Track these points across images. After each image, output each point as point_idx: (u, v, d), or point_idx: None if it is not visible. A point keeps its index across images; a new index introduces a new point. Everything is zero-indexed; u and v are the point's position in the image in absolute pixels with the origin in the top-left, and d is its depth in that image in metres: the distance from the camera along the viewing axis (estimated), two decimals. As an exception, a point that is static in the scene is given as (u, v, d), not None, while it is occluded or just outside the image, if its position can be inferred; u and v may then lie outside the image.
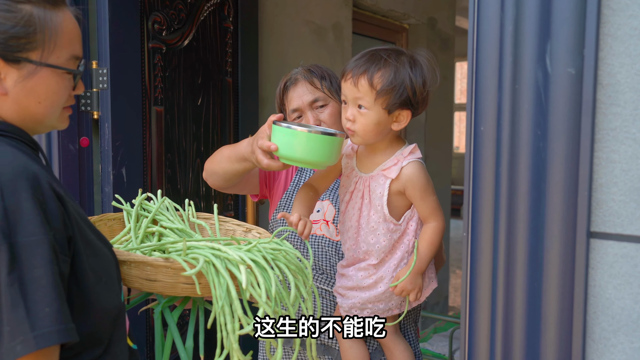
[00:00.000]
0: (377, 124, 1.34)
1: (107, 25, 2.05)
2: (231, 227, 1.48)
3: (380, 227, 1.40)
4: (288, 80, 1.71)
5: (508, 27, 1.04)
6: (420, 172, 1.38)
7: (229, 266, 1.14)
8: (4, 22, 0.92)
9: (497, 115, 1.08)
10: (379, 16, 4.03)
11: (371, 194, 1.40)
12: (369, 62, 1.34)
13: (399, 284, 1.39)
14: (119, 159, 2.14)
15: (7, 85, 0.95)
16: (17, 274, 0.82)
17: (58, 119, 1.03)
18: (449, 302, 5.52)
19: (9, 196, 0.84)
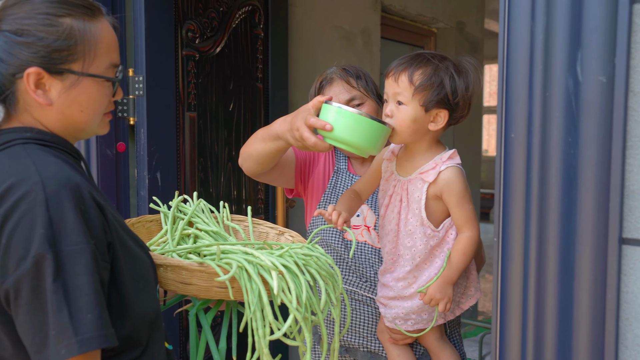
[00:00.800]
0: (413, 120, 1.35)
1: (143, 34, 2.12)
2: (264, 230, 1.50)
3: (417, 230, 1.40)
4: (324, 80, 1.71)
5: (538, 35, 1.05)
6: (458, 178, 1.38)
7: (261, 271, 1.16)
8: (47, 36, 0.96)
9: (528, 122, 1.09)
10: (407, 20, 4.04)
11: (409, 197, 1.40)
12: (412, 60, 1.37)
13: (428, 292, 1.38)
14: (154, 163, 2.20)
15: (52, 96, 0.99)
16: (61, 281, 0.86)
17: (99, 125, 1.07)
18: (478, 307, 5.47)
19: (54, 207, 0.87)
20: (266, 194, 2.74)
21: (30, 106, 0.99)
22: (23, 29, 0.96)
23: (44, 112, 1.00)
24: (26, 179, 0.89)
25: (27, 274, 0.85)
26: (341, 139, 1.29)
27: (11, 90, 0.98)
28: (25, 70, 0.96)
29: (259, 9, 2.64)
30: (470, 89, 1.37)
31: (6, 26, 0.96)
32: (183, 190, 2.35)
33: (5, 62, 0.96)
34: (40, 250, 0.85)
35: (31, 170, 0.90)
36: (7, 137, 0.97)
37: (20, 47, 0.95)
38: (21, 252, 0.86)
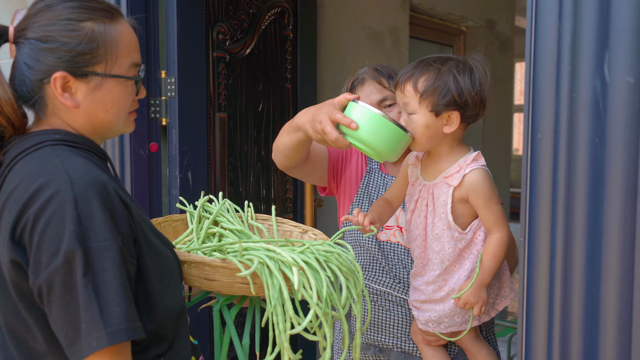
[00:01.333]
0: (426, 127, 1.35)
1: (175, 36, 2.17)
2: (288, 229, 1.52)
3: (444, 234, 1.40)
4: (355, 80, 1.71)
5: (566, 36, 1.06)
6: (484, 180, 1.37)
7: (282, 267, 1.18)
8: (70, 40, 1.00)
9: (555, 123, 1.09)
10: (436, 19, 4.03)
11: (435, 201, 1.41)
12: (414, 68, 1.37)
13: (462, 296, 1.38)
14: (185, 163, 2.25)
15: (78, 99, 1.03)
16: (90, 277, 0.89)
17: (124, 123, 1.11)
18: (508, 307, 5.42)
19: (82, 205, 0.91)
20: (295, 194, 2.77)
21: (59, 109, 1.03)
22: (47, 35, 0.99)
23: (72, 114, 1.04)
24: (55, 179, 0.92)
25: (59, 270, 0.89)
26: (363, 140, 1.29)
27: (40, 95, 1.02)
28: (51, 75, 1.00)
29: (288, 10, 2.67)
30: (477, 86, 1.35)
31: (31, 34, 1.00)
32: (213, 189, 2.39)
33: (32, 69, 1.00)
34: (71, 247, 0.88)
35: (60, 171, 0.93)
36: (37, 139, 1.01)
37: (45, 53, 0.99)
38: (53, 249, 0.89)
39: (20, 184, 0.94)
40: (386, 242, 1.65)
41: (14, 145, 1.01)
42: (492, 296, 1.48)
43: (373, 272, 1.66)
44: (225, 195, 2.45)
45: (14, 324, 0.98)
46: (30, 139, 1.01)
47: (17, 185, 0.95)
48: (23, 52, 1.01)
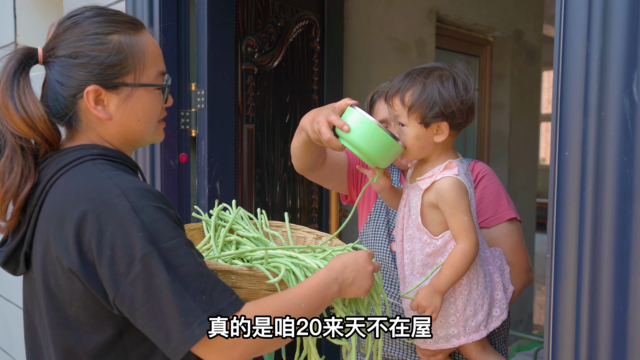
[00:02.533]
0: (416, 138, 1.39)
1: (206, 50, 2.22)
2: (302, 235, 1.55)
3: (415, 235, 1.43)
4: (375, 94, 1.75)
5: (594, 55, 1.06)
6: (451, 188, 1.38)
7: (307, 274, 1.21)
8: (99, 54, 1.03)
9: (582, 141, 1.10)
10: (462, 30, 4.03)
11: (410, 203, 1.45)
12: (400, 82, 1.41)
13: (415, 299, 1.40)
14: (214, 173, 2.29)
15: (111, 111, 1.05)
16: (173, 273, 0.91)
17: (155, 133, 1.14)
18: (534, 320, 5.35)
19: (141, 212, 0.93)
20: (320, 204, 2.80)
21: (93, 122, 1.06)
22: (77, 51, 1.02)
23: (105, 126, 1.07)
24: (108, 192, 0.95)
25: (139, 276, 0.91)
26: (354, 143, 1.34)
27: (74, 110, 1.05)
28: (84, 90, 1.02)
29: (315, 23, 2.70)
30: (462, 94, 1.38)
31: (61, 52, 1.03)
32: (240, 200, 2.43)
33: (65, 85, 1.03)
34: (146, 251, 0.91)
35: (109, 184, 0.96)
36: (77, 155, 1.03)
37: (77, 69, 1.02)
38: (128, 257, 0.91)
39: (70, 199, 0.96)
40: (393, 252, 1.66)
41: (52, 161, 1.03)
42: (483, 314, 1.47)
43: (384, 282, 1.67)
44: (253, 205, 2.48)
45: (62, 336, 1.00)
46: (68, 154, 1.03)
47: (66, 201, 0.96)
48: (54, 71, 1.04)
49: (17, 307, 3.33)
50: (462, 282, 1.43)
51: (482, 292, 1.46)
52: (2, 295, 3.54)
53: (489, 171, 1.70)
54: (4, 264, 1.07)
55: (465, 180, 1.40)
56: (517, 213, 1.69)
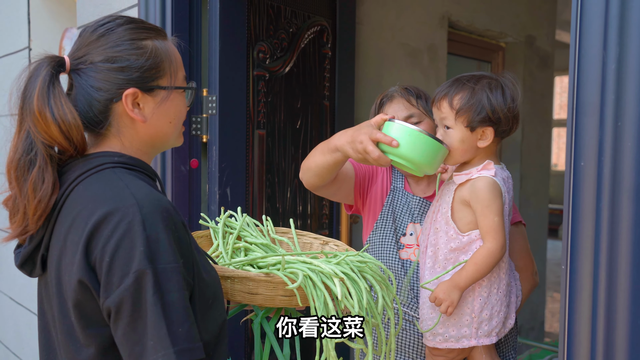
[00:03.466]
0: (461, 141, 1.44)
1: (217, 56, 2.22)
2: (308, 241, 1.55)
3: (442, 229, 1.46)
4: (385, 97, 1.77)
5: (611, 65, 1.05)
6: (487, 187, 1.41)
7: (323, 279, 1.22)
8: (138, 58, 1.05)
9: (599, 151, 1.08)
10: (474, 36, 4.01)
11: (442, 197, 1.49)
12: (450, 87, 1.47)
13: (434, 290, 1.42)
14: (224, 179, 2.29)
15: (146, 113, 1.08)
16: (159, 296, 0.91)
17: (178, 136, 1.16)
18: (545, 328, 5.30)
19: (150, 227, 0.94)
20: (331, 210, 2.79)
21: (125, 126, 1.08)
22: (115, 56, 1.04)
23: (137, 129, 1.08)
24: (123, 202, 0.95)
25: (129, 289, 0.91)
26: (403, 155, 1.35)
27: (106, 115, 1.06)
28: (122, 93, 1.04)
29: (327, 29, 2.70)
30: (509, 102, 1.43)
31: (97, 58, 1.05)
32: (251, 205, 2.43)
33: (102, 90, 1.04)
34: (142, 266, 0.91)
35: (126, 194, 0.97)
36: (98, 162, 1.04)
37: (115, 73, 1.04)
38: (124, 268, 0.92)
39: (87, 206, 0.97)
40: (406, 260, 1.67)
41: (73, 166, 1.04)
42: (498, 321, 1.48)
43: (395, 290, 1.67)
44: (263, 211, 2.48)
45: (66, 343, 1.01)
46: (89, 161, 1.04)
47: (84, 207, 0.97)
48: (88, 77, 1.05)
49: (28, 310, 3.35)
50: (483, 284, 1.45)
51: (501, 299, 1.47)
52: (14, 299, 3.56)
53: None
54: (22, 265, 1.08)
55: (501, 183, 1.43)
56: (521, 217, 1.72)
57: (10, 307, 3.61)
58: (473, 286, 1.44)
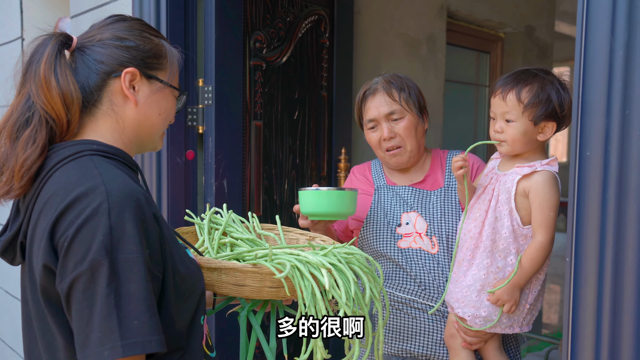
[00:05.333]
0: (524, 134, 1.45)
1: (213, 45, 2.18)
2: (295, 236, 1.57)
3: (505, 218, 1.47)
4: (367, 90, 1.76)
5: (619, 51, 1.01)
6: (549, 183, 1.43)
7: (311, 269, 1.23)
8: (144, 44, 1.12)
9: (605, 140, 1.05)
10: (474, 26, 3.97)
11: (501, 187, 1.48)
12: (517, 79, 1.46)
13: (496, 292, 1.44)
14: (221, 171, 2.26)
15: (139, 97, 1.11)
16: (114, 287, 0.90)
17: (160, 137, 1.20)
18: (543, 319, 5.29)
19: (115, 216, 0.93)
20: (329, 202, 2.76)
21: (116, 106, 1.10)
22: (124, 36, 1.10)
23: (127, 111, 1.11)
24: (92, 189, 0.95)
25: (81, 277, 0.90)
26: (314, 213, 1.60)
27: (100, 90, 1.09)
28: (123, 70, 1.08)
29: (324, 18, 2.66)
30: (570, 100, 1.43)
31: (106, 35, 1.10)
32: (248, 197, 2.40)
33: (103, 63, 1.08)
34: (97, 256, 0.90)
35: (98, 181, 0.96)
36: (76, 149, 1.04)
37: (121, 50, 1.09)
38: (80, 255, 0.91)
39: (58, 191, 0.97)
40: (407, 249, 1.66)
41: (54, 152, 1.05)
42: (536, 311, 1.53)
43: (397, 280, 1.68)
44: (260, 203, 2.45)
45: (42, 331, 1.01)
46: (69, 147, 1.04)
47: (54, 192, 0.97)
48: (93, 51, 1.09)
49: (24, 303, 3.31)
50: (540, 277, 1.50)
51: (542, 291, 1.53)
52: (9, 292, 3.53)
53: (482, 163, 1.75)
54: (2, 253, 1.08)
55: None
56: None
57: (5, 300, 3.58)
58: (531, 279, 1.48)
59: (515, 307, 1.46)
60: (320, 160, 2.70)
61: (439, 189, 1.71)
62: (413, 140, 1.69)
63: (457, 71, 4.03)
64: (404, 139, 1.69)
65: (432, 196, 1.70)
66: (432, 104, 3.48)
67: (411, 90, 1.71)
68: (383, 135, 1.70)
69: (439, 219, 1.66)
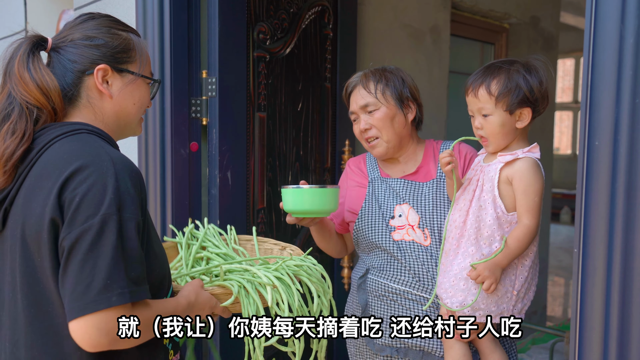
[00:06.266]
0: (502, 126, 1.48)
1: (217, 37, 2.16)
2: (269, 247, 1.70)
3: (489, 207, 1.49)
4: (349, 84, 1.81)
5: (629, 39, 1.00)
6: (531, 168, 1.46)
7: (258, 288, 1.34)
8: (112, 41, 1.20)
9: (614, 130, 1.04)
10: (478, 17, 3.94)
11: (485, 177, 1.51)
12: (484, 74, 1.50)
13: (477, 268, 1.45)
14: (225, 162, 2.25)
15: (113, 90, 1.21)
16: (120, 241, 1.01)
17: (138, 123, 1.29)
18: (547, 312, 5.28)
19: (121, 180, 1.04)
20: (333, 194, 2.75)
21: (93, 99, 1.20)
22: (93, 35, 1.19)
23: (104, 104, 1.21)
24: (99, 157, 1.06)
25: (92, 229, 0.99)
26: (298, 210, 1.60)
27: (77, 86, 1.18)
28: (95, 67, 1.17)
29: (328, 9, 2.64)
30: (544, 83, 1.48)
31: (77, 35, 1.19)
32: (252, 189, 2.39)
33: (77, 62, 1.18)
34: (109, 211, 1.01)
35: (102, 152, 1.08)
36: (74, 127, 1.15)
37: (91, 49, 1.18)
38: (92, 210, 1.00)
39: (62, 157, 1.07)
40: (401, 241, 1.68)
41: (48, 130, 1.14)
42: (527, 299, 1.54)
43: (392, 271, 1.69)
44: (264, 195, 2.44)
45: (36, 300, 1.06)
46: (65, 125, 1.15)
47: (59, 158, 1.07)
48: (67, 52, 1.18)
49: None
50: (526, 263, 1.51)
51: (534, 279, 1.55)
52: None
53: (475, 153, 1.75)
54: None
55: None
56: None
57: None
58: (516, 264, 1.50)
59: (495, 286, 1.46)
60: (324, 152, 2.69)
61: (431, 180, 1.72)
62: (389, 130, 1.70)
63: (462, 62, 4.01)
64: (379, 130, 1.71)
65: (424, 188, 1.71)
66: (436, 95, 3.46)
67: (391, 81, 1.73)
68: (360, 127, 1.74)
69: (431, 211, 1.66)
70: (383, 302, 1.70)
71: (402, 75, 1.76)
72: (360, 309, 1.76)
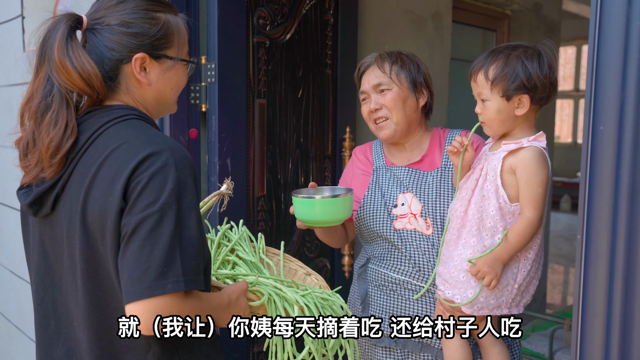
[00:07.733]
0: (498, 112, 1.45)
1: (216, 22, 2.14)
2: (294, 267, 1.66)
3: (491, 197, 1.45)
4: (363, 64, 1.79)
5: (636, 22, 0.98)
6: (535, 158, 1.41)
7: (285, 305, 1.34)
8: (150, 27, 1.17)
9: (619, 114, 1.02)
10: (480, 3, 3.91)
11: (488, 165, 1.48)
12: (485, 59, 1.48)
13: (477, 264, 1.42)
14: (224, 149, 2.24)
15: (151, 78, 1.19)
16: (179, 230, 1.03)
17: (174, 103, 1.28)
18: (547, 299, 5.30)
19: (180, 170, 1.05)
20: (333, 182, 2.74)
21: (132, 86, 1.18)
22: (130, 22, 1.15)
23: (143, 91, 1.19)
24: (160, 145, 1.06)
25: (152, 216, 1.01)
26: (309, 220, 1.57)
27: (115, 73, 1.17)
28: (132, 56, 1.15)
29: (329, -5, 2.61)
30: (545, 69, 1.42)
31: (113, 21, 1.15)
32: (252, 177, 2.38)
33: (114, 50, 1.15)
34: (169, 200, 1.02)
35: (160, 140, 1.08)
36: (122, 112, 1.15)
37: (128, 37, 1.15)
38: (152, 198, 1.02)
39: (122, 146, 1.07)
40: (402, 230, 1.66)
41: (96, 114, 1.14)
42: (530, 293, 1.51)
43: (392, 260, 1.68)
44: (264, 183, 2.43)
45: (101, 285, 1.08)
46: (113, 111, 1.15)
47: (119, 146, 1.07)
48: (103, 37, 1.15)
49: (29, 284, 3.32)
50: (529, 256, 1.47)
51: (536, 272, 1.51)
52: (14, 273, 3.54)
53: (482, 141, 1.73)
54: (30, 204, 1.15)
55: None
56: None
57: (11, 280, 3.59)
58: (518, 257, 1.47)
59: (496, 282, 1.43)
60: (324, 139, 2.68)
61: (435, 169, 1.70)
62: (400, 112, 1.68)
63: (463, 49, 3.98)
64: (390, 110, 1.68)
65: (428, 177, 1.69)
66: (437, 82, 3.44)
67: (407, 65, 1.71)
68: (370, 106, 1.71)
69: (434, 200, 1.64)
70: (383, 292, 1.69)
71: (417, 61, 1.74)
72: (360, 299, 1.76)
